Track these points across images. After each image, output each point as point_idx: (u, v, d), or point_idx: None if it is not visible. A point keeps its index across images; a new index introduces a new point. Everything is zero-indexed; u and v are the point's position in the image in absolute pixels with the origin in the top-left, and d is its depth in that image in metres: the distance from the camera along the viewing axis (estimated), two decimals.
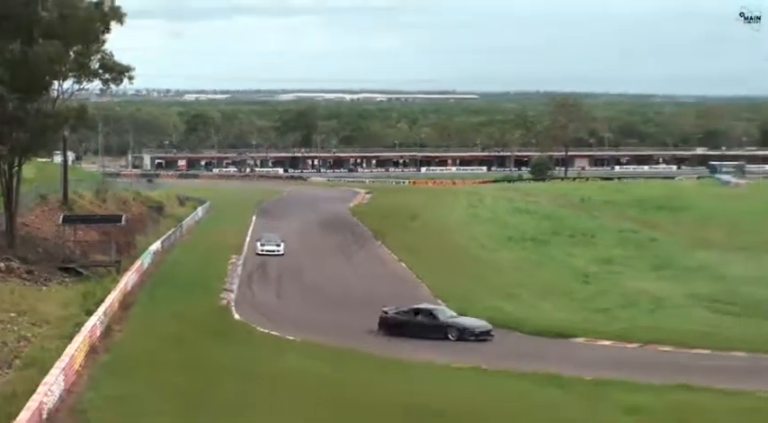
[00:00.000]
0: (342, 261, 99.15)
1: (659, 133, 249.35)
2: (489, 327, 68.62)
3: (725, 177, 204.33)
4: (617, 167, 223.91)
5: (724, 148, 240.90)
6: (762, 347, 65.94)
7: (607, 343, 67.55)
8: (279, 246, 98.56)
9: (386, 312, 69.66)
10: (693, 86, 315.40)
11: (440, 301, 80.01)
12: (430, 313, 69.78)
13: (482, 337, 67.89)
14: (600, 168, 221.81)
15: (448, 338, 66.20)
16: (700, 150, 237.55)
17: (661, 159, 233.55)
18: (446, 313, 71.05)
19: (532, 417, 48.52)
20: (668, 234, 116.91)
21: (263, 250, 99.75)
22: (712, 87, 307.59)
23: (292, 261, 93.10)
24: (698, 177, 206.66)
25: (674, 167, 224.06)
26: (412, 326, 67.93)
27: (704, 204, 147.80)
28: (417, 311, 69.72)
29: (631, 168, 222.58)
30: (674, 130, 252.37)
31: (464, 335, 67.22)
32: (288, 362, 59.91)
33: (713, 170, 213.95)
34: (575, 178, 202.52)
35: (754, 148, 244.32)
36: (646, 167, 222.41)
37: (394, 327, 68.34)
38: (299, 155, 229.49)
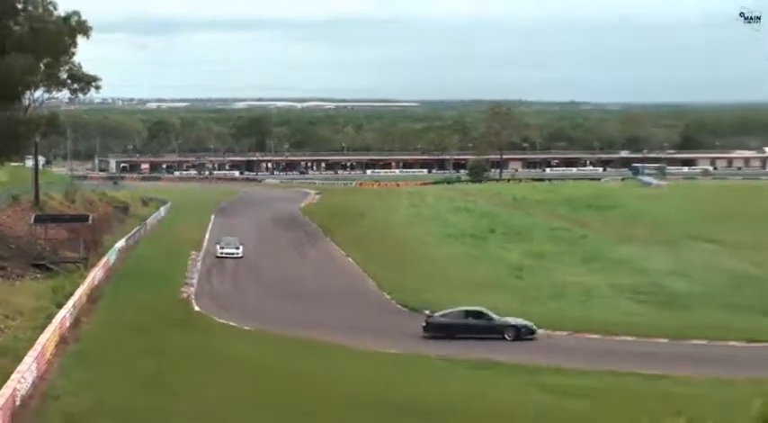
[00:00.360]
0: (294, 257, 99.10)
1: (586, 138, 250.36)
2: (535, 326, 67.49)
3: (646, 179, 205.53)
4: (547, 170, 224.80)
5: (646, 151, 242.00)
6: (681, 335, 66.52)
7: (540, 331, 67.73)
8: (237, 249, 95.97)
9: (430, 315, 67.39)
10: (620, 94, 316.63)
11: (384, 293, 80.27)
12: (483, 315, 67.77)
13: (532, 335, 66.78)
14: (532, 170, 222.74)
15: (504, 339, 64.89)
16: (623, 153, 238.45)
17: (588, 162, 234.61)
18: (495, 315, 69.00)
19: (472, 403, 48.81)
20: (596, 231, 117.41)
21: (222, 253, 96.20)
22: (638, 95, 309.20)
23: (248, 256, 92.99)
24: (622, 179, 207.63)
25: (600, 169, 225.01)
26: (465, 328, 66.23)
27: (628, 203, 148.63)
28: (469, 313, 67.89)
29: (561, 170, 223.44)
30: (600, 135, 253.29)
31: (520, 334, 66.11)
32: (244, 350, 60.33)
33: (636, 172, 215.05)
34: (509, 180, 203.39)
35: (673, 152, 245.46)
36: (574, 169, 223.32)
37: (444, 329, 66.24)
38: (254, 158, 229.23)
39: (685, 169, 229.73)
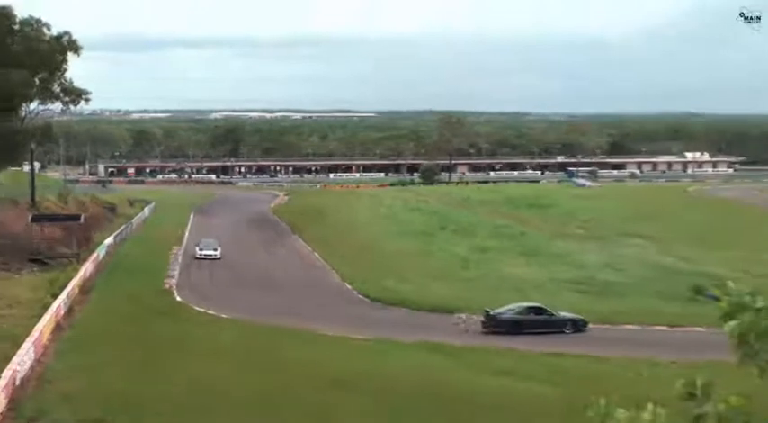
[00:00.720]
0: (265, 252, 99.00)
1: (528, 144, 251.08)
2: (587, 319, 66.47)
3: (580, 181, 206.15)
4: (492, 173, 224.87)
5: (580, 156, 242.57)
6: (613, 320, 67.03)
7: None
8: (216, 250, 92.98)
9: (488, 312, 65.79)
10: (562, 105, 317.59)
11: (346, 284, 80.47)
12: (544, 310, 66.50)
13: (585, 327, 65.76)
14: (478, 174, 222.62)
15: (564, 332, 63.65)
16: (560, 159, 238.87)
17: (528, 166, 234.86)
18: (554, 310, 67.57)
19: (422, 379, 49.09)
20: (535, 228, 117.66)
21: (201, 255, 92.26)
22: (579, 106, 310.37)
23: (224, 251, 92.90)
24: (558, 181, 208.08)
25: (539, 173, 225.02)
26: (530, 323, 64.73)
27: (564, 203, 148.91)
28: (531, 309, 66.88)
29: (504, 173, 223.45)
30: (541, 142, 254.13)
31: (578, 327, 65.24)
32: (221, 336, 60.48)
33: (570, 175, 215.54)
34: (457, 182, 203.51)
35: (604, 157, 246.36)
36: (515, 173, 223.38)
37: (509, 325, 64.40)
38: (229, 164, 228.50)
39: (615, 172, 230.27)
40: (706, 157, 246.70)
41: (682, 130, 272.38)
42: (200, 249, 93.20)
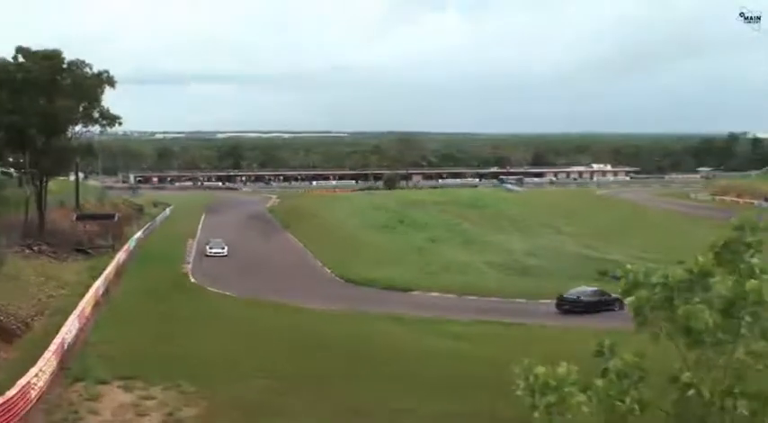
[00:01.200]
0: (261, 242, 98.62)
1: (467, 158, 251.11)
2: None
3: (509, 186, 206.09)
4: (440, 180, 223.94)
5: (508, 167, 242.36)
6: (534, 295, 67.23)
7: (434, 294, 68.32)
8: (223, 249, 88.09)
9: (562, 296, 63.50)
10: (497, 126, 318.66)
11: (326, 268, 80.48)
12: (604, 292, 63.17)
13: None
14: (429, 181, 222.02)
15: (613, 310, 57.63)
16: (493, 169, 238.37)
17: (468, 175, 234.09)
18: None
19: (383, 341, 49.32)
20: (473, 223, 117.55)
21: (210, 253, 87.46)
22: (509, 127, 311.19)
23: (229, 242, 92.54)
24: (492, 186, 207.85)
25: (477, 180, 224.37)
26: (596, 304, 61.67)
27: (496, 204, 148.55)
28: (596, 292, 63.92)
29: (449, 181, 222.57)
30: (477, 156, 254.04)
31: (622, 306, 62.39)
32: (226, 308, 60.71)
33: (501, 181, 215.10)
34: (412, 188, 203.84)
35: (528, 167, 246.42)
36: (458, 180, 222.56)
37: (582, 305, 62.03)
38: (232, 173, 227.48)
39: (537, 180, 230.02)
40: (608, 167, 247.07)
41: (589, 146, 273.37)
42: (210, 248, 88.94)
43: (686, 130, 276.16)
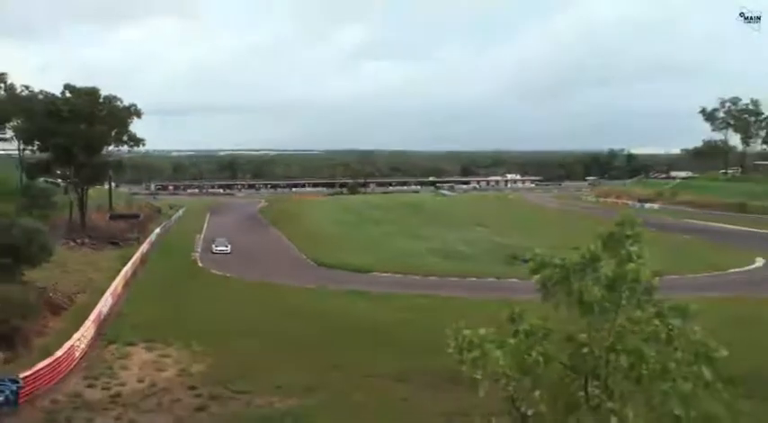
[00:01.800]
0: (254, 236, 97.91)
1: (412, 169, 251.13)
2: None
3: (444, 191, 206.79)
4: (390, 187, 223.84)
5: (443, 176, 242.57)
6: (463, 274, 67.27)
7: (387, 274, 68.26)
8: (227, 247, 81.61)
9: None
10: (433, 145, 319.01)
11: (304, 255, 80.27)
12: None
13: None
14: (382, 188, 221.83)
15: None
16: (431, 178, 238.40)
17: (412, 183, 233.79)
18: None
19: (349, 312, 49.30)
20: (417, 220, 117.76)
21: (216, 250, 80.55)
22: (441, 145, 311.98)
23: (227, 235, 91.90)
24: (431, 192, 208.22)
25: (418, 187, 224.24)
26: None
27: (434, 205, 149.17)
28: None
29: (397, 188, 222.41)
30: (418, 168, 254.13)
31: None
32: (226, 287, 60.45)
33: (437, 188, 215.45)
34: (370, 193, 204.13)
35: (457, 177, 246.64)
36: (404, 187, 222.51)
37: None
38: (230, 182, 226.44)
39: (464, 187, 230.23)
40: (518, 176, 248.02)
41: (503, 160, 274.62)
42: (216, 246, 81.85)
43: (579, 147, 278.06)
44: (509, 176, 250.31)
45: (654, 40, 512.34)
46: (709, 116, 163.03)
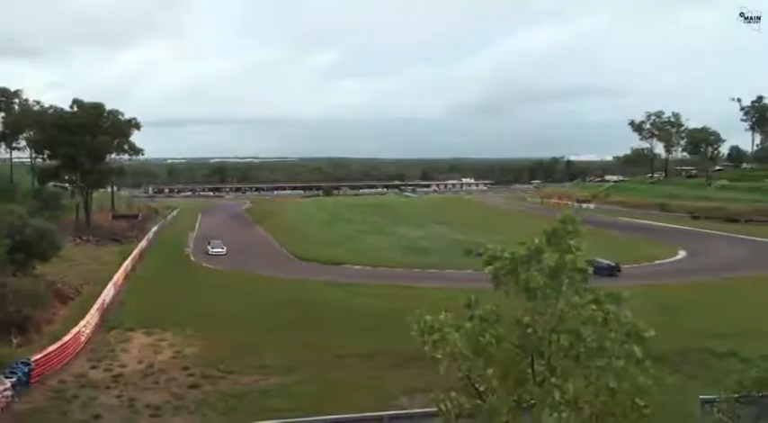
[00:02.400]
0: (240, 233, 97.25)
1: (379, 174, 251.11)
2: (619, 265, 60.85)
3: (407, 193, 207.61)
4: (361, 190, 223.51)
5: (406, 180, 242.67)
6: (425, 266, 67.46)
7: (358, 267, 68.17)
8: (222, 249, 75.65)
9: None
10: (398, 153, 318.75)
11: (284, 250, 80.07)
12: (593, 261, 59.49)
13: (618, 272, 58.98)
14: (354, 191, 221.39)
15: (615, 276, 56.52)
16: (396, 182, 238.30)
17: (379, 186, 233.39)
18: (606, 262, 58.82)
19: (324, 299, 49.19)
20: (384, 218, 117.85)
21: (212, 252, 74.67)
22: (404, 154, 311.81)
23: (218, 233, 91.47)
24: (395, 194, 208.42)
25: (385, 190, 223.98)
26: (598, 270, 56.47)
27: (398, 206, 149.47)
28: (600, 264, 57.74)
29: (366, 190, 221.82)
30: (385, 173, 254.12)
31: (614, 270, 58.48)
32: (216, 278, 60.09)
33: (401, 191, 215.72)
34: (342, 195, 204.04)
35: (419, 180, 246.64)
36: (372, 190, 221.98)
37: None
38: (219, 186, 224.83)
39: (425, 189, 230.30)
40: (472, 180, 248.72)
41: (459, 166, 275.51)
42: (213, 247, 76.29)
43: (525, 155, 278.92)
44: (464, 180, 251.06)
45: (583, 64, 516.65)
46: (637, 127, 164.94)
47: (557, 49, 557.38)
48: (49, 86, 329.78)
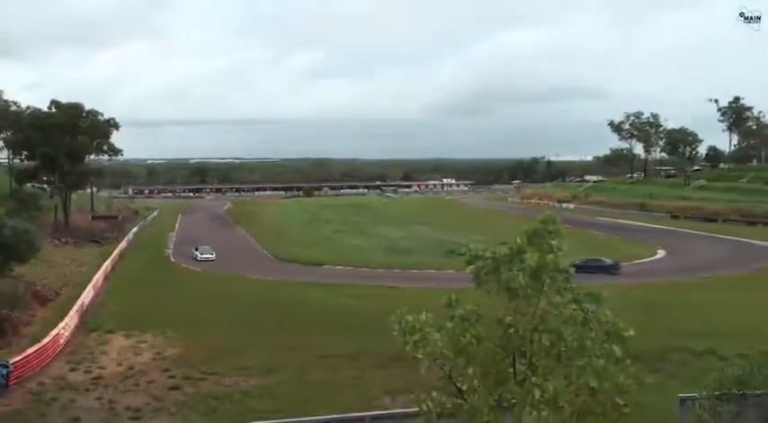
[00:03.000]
0: (221, 234, 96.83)
1: (360, 175, 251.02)
2: (620, 263, 62.89)
3: (388, 194, 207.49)
4: (341, 191, 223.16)
5: (387, 181, 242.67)
6: (406, 267, 67.45)
7: (339, 267, 68.05)
8: (212, 254, 71.94)
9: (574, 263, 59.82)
10: (377, 154, 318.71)
11: (265, 251, 79.81)
12: (598, 260, 61.15)
13: (618, 270, 61.33)
14: (335, 191, 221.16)
15: (615, 274, 59.26)
16: (377, 182, 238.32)
17: (360, 187, 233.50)
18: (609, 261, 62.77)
19: (305, 300, 49.07)
20: (365, 219, 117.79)
21: (201, 258, 70.64)
22: (385, 154, 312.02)
23: (198, 233, 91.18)
24: (377, 194, 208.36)
25: (366, 190, 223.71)
26: (588, 268, 54.70)
27: (380, 206, 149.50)
28: (589, 260, 59.45)
29: (347, 191, 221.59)
30: (366, 174, 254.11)
31: (614, 268, 61.10)
32: (195, 279, 59.96)
33: (382, 191, 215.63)
34: (323, 196, 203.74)
35: (400, 181, 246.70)
36: (353, 190, 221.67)
37: (583, 269, 57.37)
38: (200, 187, 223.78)
39: (407, 190, 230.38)
40: (453, 181, 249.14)
41: (440, 166, 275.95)
42: (202, 253, 72.21)
43: (506, 156, 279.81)
44: (445, 181, 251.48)
45: (564, 65, 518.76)
46: (616, 128, 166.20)
47: (537, 50, 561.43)
48: (27, 87, 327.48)
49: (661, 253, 76.51)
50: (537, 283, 9.46)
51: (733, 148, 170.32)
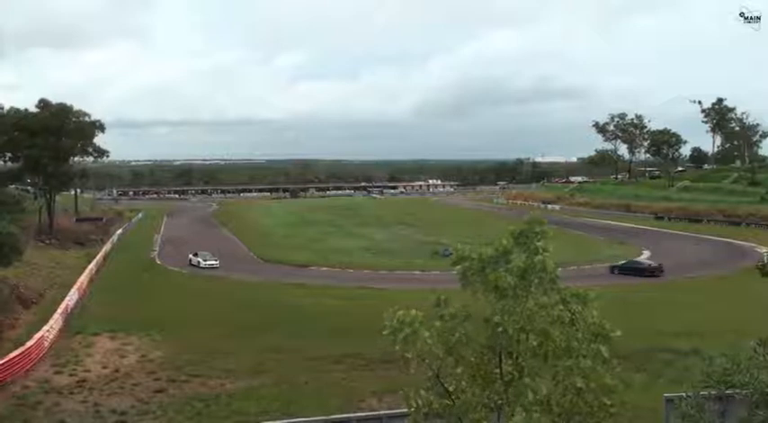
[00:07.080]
0: (206, 235, 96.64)
1: (346, 176, 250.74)
2: (662, 266, 62.85)
3: (374, 195, 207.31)
4: (328, 192, 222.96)
5: (373, 182, 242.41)
6: (392, 268, 67.53)
7: (325, 269, 68.03)
8: (216, 261, 68.01)
9: (615, 265, 63.01)
10: (364, 155, 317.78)
11: (251, 253, 79.59)
12: (640, 262, 64.19)
13: (662, 273, 61.52)
14: (321, 192, 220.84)
15: (658, 276, 60.26)
16: (363, 183, 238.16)
17: (346, 188, 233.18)
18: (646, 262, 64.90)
19: (291, 302, 49.00)
20: (351, 220, 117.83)
21: (204, 265, 66.68)
22: (370, 155, 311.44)
23: (184, 235, 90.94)
24: (363, 195, 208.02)
25: (352, 191, 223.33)
26: (635, 270, 60.91)
27: (366, 207, 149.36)
28: (634, 262, 64.06)
29: (333, 192, 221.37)
30: (352, 175, 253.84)
31: (657, 271, 61.63)
32: (181, 280, 59.79)
33: (368, 192, 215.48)
34: (309, 197, 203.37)
35: (387, 182, 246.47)
36: (339, 192, 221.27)
37: (630, 271, 60.93)
38: (185, 189, 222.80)
39: (392, 191, 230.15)
40: (439, 182, 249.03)
41: (425, 167, 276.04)
42: (204, 261, 67.79)
43: (491, 156, 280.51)
44: (431, 182, 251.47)
45: (548, 67, 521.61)
46: (601, 129, 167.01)
47: (522, 51, 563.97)
48: (6, 88, 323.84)
49: (646, 253, 76.90)
50: (524, 284, 9.50)
51: (716, 149, 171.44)
